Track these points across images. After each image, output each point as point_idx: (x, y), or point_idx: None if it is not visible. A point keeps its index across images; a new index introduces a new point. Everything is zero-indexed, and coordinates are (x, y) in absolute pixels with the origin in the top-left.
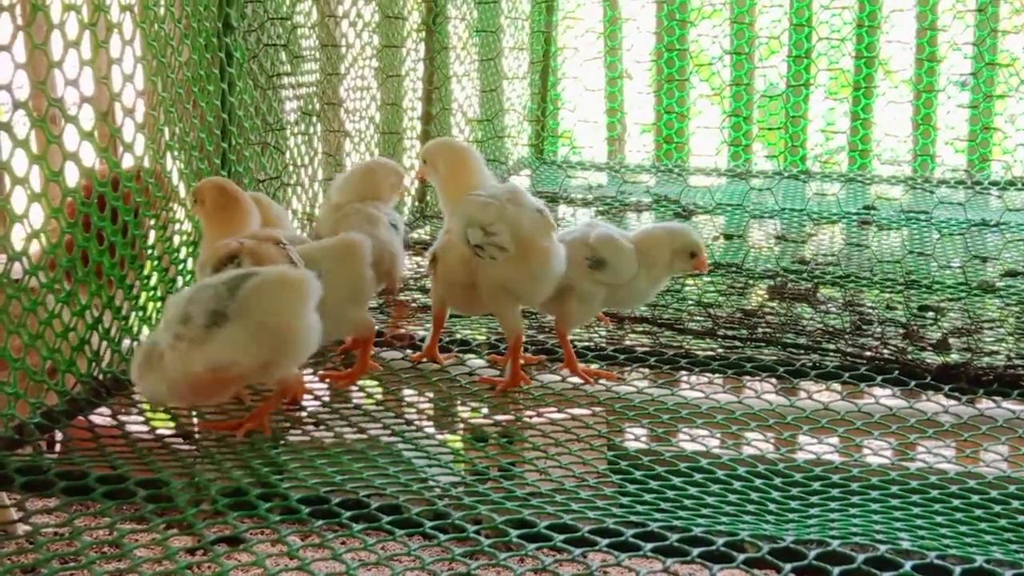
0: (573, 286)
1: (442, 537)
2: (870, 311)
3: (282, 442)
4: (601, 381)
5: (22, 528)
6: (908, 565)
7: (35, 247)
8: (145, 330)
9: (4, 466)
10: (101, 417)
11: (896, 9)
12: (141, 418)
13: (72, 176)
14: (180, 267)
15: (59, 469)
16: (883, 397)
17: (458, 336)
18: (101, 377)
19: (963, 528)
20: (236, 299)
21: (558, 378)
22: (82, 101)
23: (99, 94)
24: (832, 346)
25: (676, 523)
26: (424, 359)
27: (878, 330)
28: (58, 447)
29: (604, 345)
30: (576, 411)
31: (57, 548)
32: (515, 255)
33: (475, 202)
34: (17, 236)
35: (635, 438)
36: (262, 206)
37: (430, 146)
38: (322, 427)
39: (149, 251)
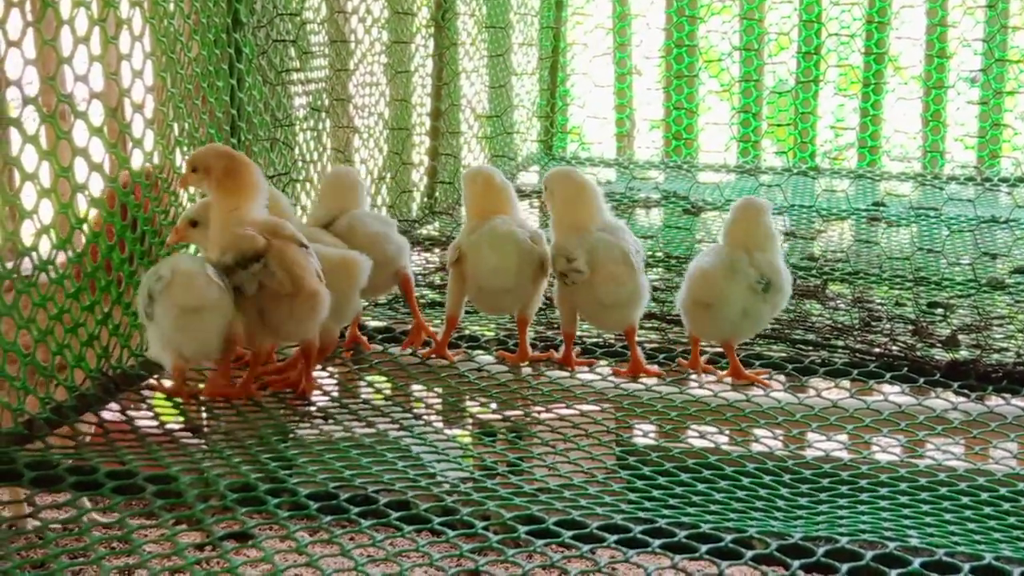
0: (745, 308)
1: (450, 533)
2: (879, 308)
3: (291, 437)
4: (609, 377)
5: (31, 523)
6: (917, 562)
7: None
8: None
9: (14, 461)
10: (110, 412)
11: (906, 5)
12: (150, 413)
13: (81, 173)
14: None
15: (68, 464)
16: (892, 394)
17: (467, 332)
18: (110, 373)
19: (972, 525)
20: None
21: (566, 374)
22: (91, 97)
23: (109, 90)
24: (841, 343)
25: (684, 519)
26: (433, 355)
27: (887, 327)
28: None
29: (613, 341)
30: (585, 407)
31: (66, 543)
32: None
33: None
34: (27, 231)
35: (644, 434)
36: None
37: (551, 175)
38: (331, 422)
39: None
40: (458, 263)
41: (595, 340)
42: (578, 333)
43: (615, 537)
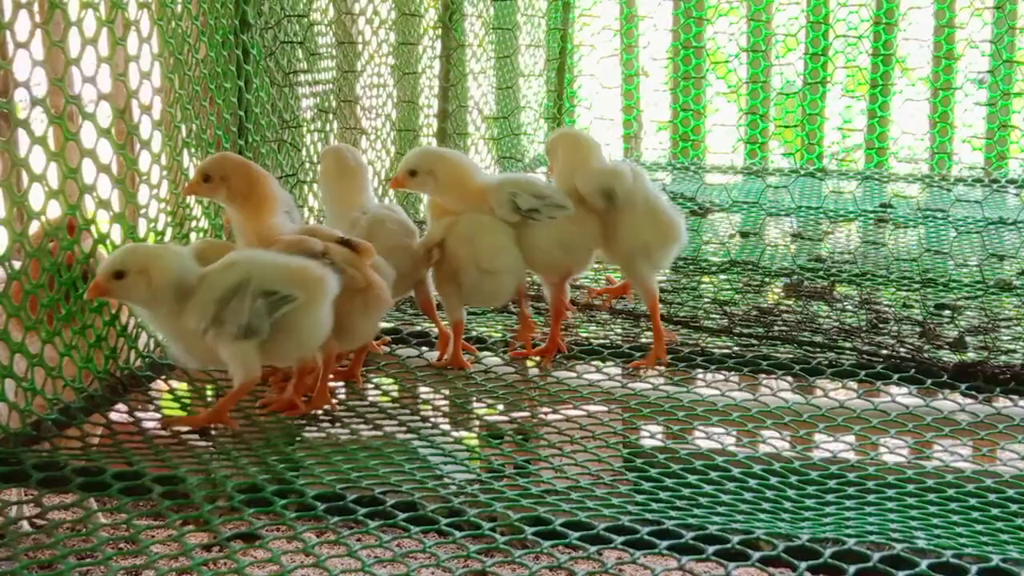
0: None
1: (457, 534)
2: (887, 309)
3: (298, 439)
4: (616, 378)
5: (26, 525)
6: (924, 564)
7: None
8: None
9: (21, 461)
10: (118, 413)
11: (913, 7)
12: (158, 414)
13: (89, 174)
14: None
15: (75, 465)
16: (899, 395)
17: (474, 333)
18: (118, 373)
19: (979, 527)
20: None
21: (574, 374)
22: (99, 98)
23: (116, 91)
24: (848, 344)
25: (691, 521)
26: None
27: (894, 328)
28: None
29: (620, 343)
30: (592, 408)
31: (74, 543)
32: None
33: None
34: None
35: (651, 435)
36: None
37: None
38: (338, 424)
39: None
40: (441, 262)
41: (602, 342)
42: (583, 334)
43: (622, 538)
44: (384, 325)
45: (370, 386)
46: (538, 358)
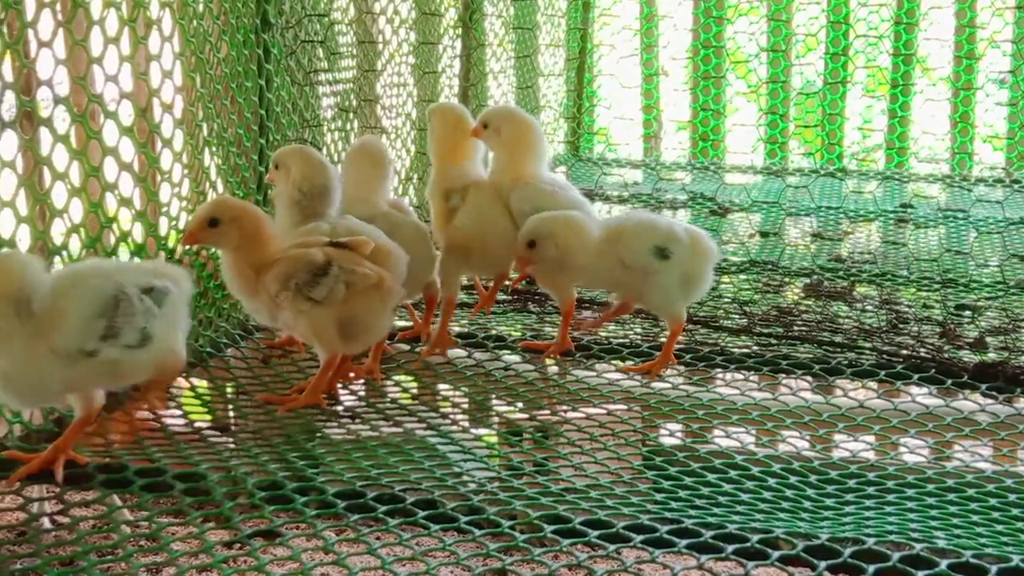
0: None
1: (477, 532)
2: (907, 309)
3: (318, 436)
4: (636, 377)
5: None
6: (944, 564)
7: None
8: None
9: None
10: (139, 411)
11: (934, 6)
12: (179, 411)
13: (111, 172)
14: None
15: (98, 462)
16: (919, 396)
17: (493, 332)
18: None
19: (1000, 527)
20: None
21: (593, 373)
22: (121, 97)
23: (138, 90)
24: (868, 344)
25: (711, 520)
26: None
27: (915, 328)
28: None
29: (640, 342)
30: (612, 407)
31: (95, 540)
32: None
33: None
34: (57, 230)
35: (670, 434)
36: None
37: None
38: (358, 421)
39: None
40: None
41: (621, 341)
42: (603, 332)
43: (641, 537)
44: (403, 323)
45: (390, 383)
46: (556, 356)
